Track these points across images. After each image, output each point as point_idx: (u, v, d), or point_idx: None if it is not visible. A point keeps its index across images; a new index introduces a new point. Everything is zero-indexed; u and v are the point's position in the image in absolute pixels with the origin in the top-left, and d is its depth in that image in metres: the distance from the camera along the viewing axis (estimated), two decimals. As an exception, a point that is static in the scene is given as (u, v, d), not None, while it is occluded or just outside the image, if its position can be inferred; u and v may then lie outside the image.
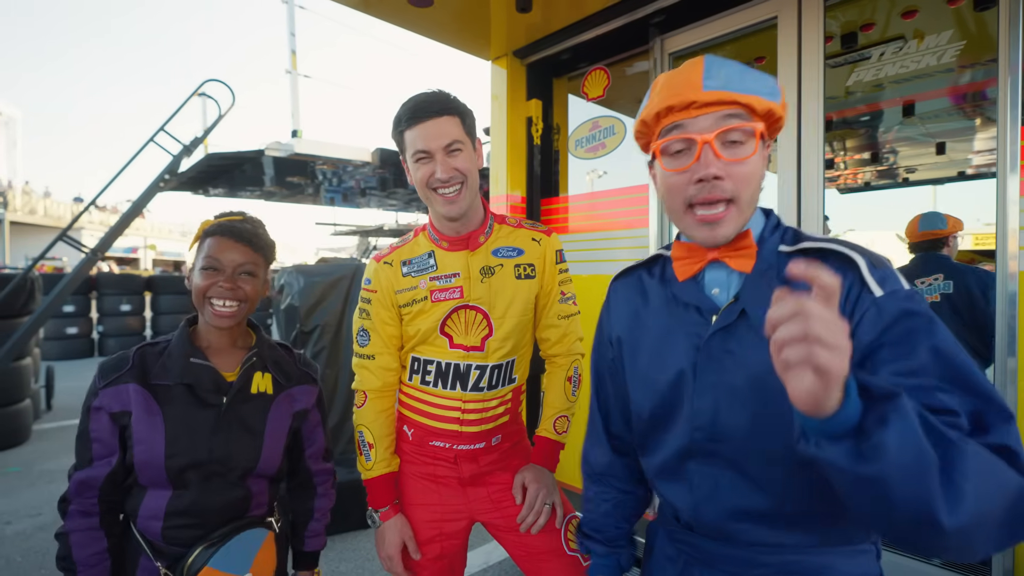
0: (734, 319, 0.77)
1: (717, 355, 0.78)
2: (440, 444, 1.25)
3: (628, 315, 0.93)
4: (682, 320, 0.83)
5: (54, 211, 25.49)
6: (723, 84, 0.73)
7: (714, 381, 0.78)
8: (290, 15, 5.48)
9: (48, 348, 8.21)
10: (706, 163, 0.73)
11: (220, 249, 1.08)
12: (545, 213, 2.63)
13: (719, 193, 0.73)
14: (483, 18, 2.26)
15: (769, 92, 0.74)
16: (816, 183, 1.78)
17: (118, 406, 1.06)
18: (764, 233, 0.80)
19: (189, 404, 1.08)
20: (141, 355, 1.10)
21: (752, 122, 0.74)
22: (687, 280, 0.83)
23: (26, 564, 2.63)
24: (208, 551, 1.06)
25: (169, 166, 4.69)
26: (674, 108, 0.75)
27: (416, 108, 1.13)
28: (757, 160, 0.74)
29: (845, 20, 2.30)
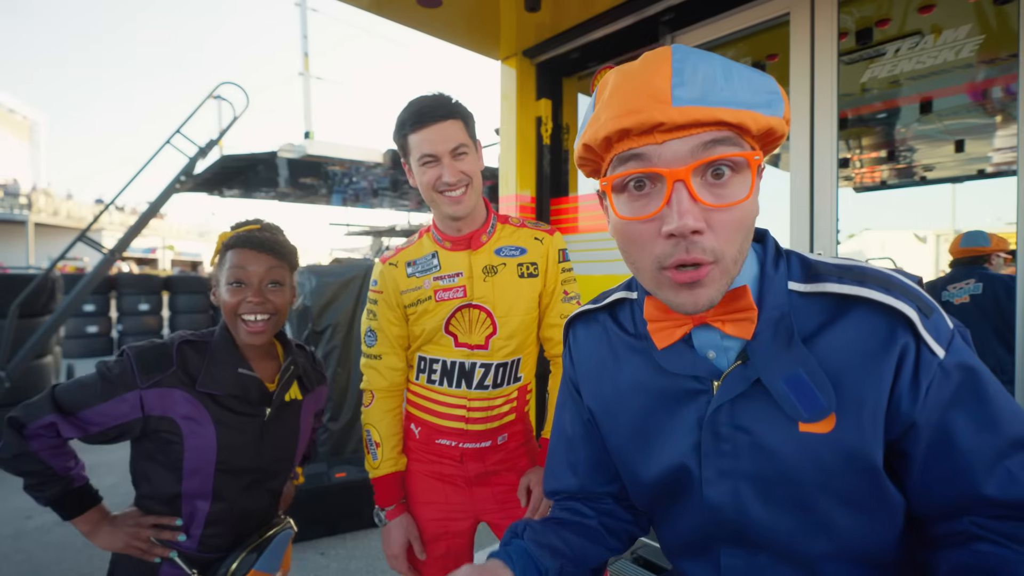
0: (746, 388, 0.59)
1: (726, 434, 0.61)
2: (446, 442, 1.26)
3: (595, 377, 0.73)
4: (671, 393, 0.65)
5: (76, 212, 26.06)
6: (701, 96, 0.51)
7: (728, 468, 0.61)
8: (303, 18, 5.54)
9: (69, 346, 8.41)
10: (680, 211, 0.52)
11: (244, 261, 1.06)
12: (555, 213, 2.62)
13: (698, 254, 0.53)
14: (492, 18, 2.26)
15: (767, 103, 0.53)
16: (829, 184, 1.75)
17: (160, 410, 1.02)
18: (767, 269, 0.61)
19: (236, 414, 1.08)
20: (182, 355, 1.06)
21: (745, 149, 0.53)
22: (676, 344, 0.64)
23: (46, 558, 2.69)
24: (252, 555, 1.09)
25: (185, 168, 4.77)
26: (631, 132, 0.53)
27: (421, 112, 1.14)
28: (749, 201, 0.53)
29: (860, 16, 2.26)
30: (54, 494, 1.02)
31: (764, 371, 0.58)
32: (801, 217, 1.80)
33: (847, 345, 0.56)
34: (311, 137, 5.12)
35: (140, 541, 1.04)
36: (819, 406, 0.55)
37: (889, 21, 2.29)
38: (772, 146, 0.57)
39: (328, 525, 2.93)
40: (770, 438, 0.59)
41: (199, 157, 4.79)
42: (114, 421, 1.01)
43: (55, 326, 4.15)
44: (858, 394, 0.55)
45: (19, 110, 32.87)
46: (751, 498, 0.61)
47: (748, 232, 0.56)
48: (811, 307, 0.58)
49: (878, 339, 0.55)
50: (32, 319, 4.33)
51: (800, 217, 1.80)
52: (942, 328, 0.55)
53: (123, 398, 1.00)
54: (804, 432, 0.57)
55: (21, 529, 2.98)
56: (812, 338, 0.58)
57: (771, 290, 0.60)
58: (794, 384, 0.56)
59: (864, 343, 0.55)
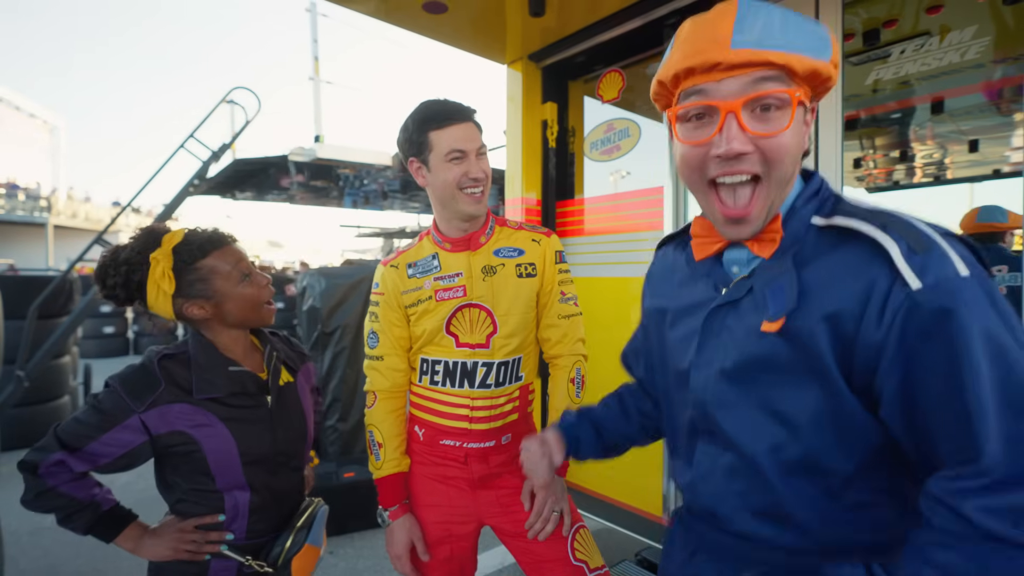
0: (741, 295, 0.70)
1: (717, 329, 0.72)
2: (450, 443, 1.27)
3: (660, 282, 0.89)
4: (699, 294, 0.77)
5: (94, 215, 26.54)
6: (757, 40, 0.60)
7: (709, 357, 0.72)
8: (313, 23, 5.61)
9: (86, 347, 8.57)
10: (728, 137, 0.62)
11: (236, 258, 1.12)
12: (560, 216, 2.63)
13: (744, 167, 0.63)
14: (498, 23, 2.28)
15: (815, 48, 0.61)
16: (835, 186, 1.74)
17: (165, 427, 1.04)
18: (797, 203, 0.69)
19: (242, 409, 1.11)
20: (166, 371, 1.06)
21: (790, 87, 0.61)
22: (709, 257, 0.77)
23: (62, 554, 2.76)
24: (303, 532, 1.16)
25: (199, 172, 4.85)
26: (695, 71, 0.64)
27: (448, 111, 1.18)
28: (793, 132, 0.63)
29: (867, 17, 2.24)
30: (87, 522, 1.05)
31: (759, 280, 0.68)
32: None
33: (830, 270, 0.62)
34: (321, 141, 5.19)
35: (187, 544, 1.07)
36: (778, 306, 0.64)
37: (896, 22, 2.27)
38: (822, 87, 0.65)
39: (337, 524, 2.96)
40: (739, 334, 0.69)
41: (212, 161, 4.87)
42: (121, 449, 1.03)
43: (73, 327, 4.24)
44: (820, 307, 0.61)
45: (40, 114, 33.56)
46: (720, 386, 0.70)
47: (793, 161, 0.65)
48: (823, 238, 0.66)
49: (856, 268, 0.60)
50: (50, 320, 4.43)
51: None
52: (931, 267, 0.55)
53: (124, 426, 1.02)
54: (763, 331, 0.65)
55: (39, 525, 3.05)
56: (809, 262, 0.65)
57: (793, 220, 0.68)
58: (773, 290, 0.65)
59: (843, 270, 0.61)
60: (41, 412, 4.46)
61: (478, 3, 2.10)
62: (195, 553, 1.08)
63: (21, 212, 21.75)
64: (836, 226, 0.64)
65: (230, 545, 1.11)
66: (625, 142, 2.35)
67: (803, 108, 0.64)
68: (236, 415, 1.10)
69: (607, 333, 2.18)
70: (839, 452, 0.63)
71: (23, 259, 19.25)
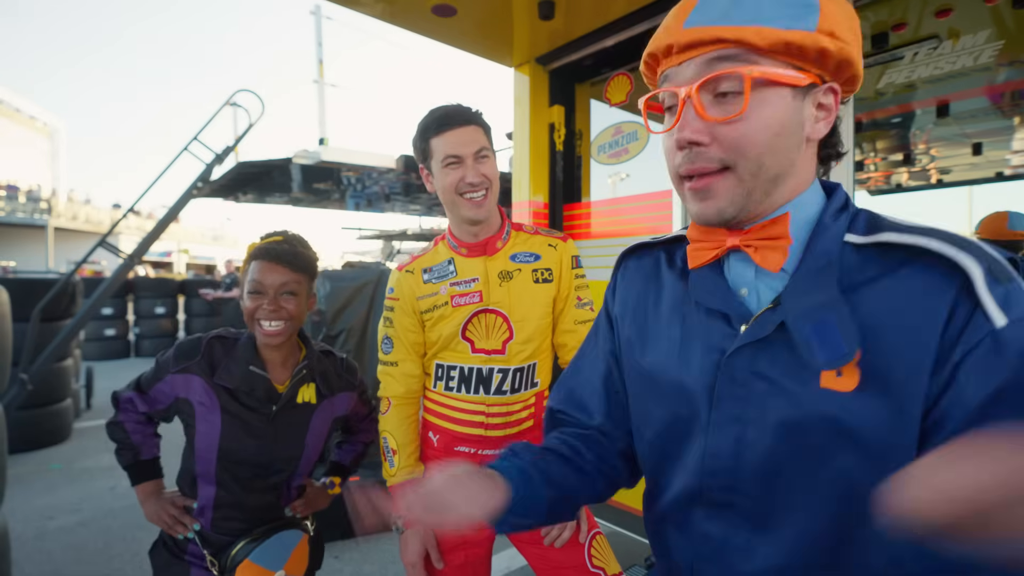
0: (769, 332, 0.55)
1: (742, 379, 0.57)
2: (465, 449, 1.27)
3: (636, 305, 0.73)
4: (700, 326, 0.62)
5: (94, 216, 26.54)
6: (717, 17, 0.53)
7: (738, 414, 0.58)
8: (317, 26, 5.61)
9: (88, 349, 8.55)
10: (684, 123, 0.55)
11: (263, 272, 1.15)
12: (567, 219, 2.63)
13: (703, 163, 0.56)
14: (506, 26, 2.28)
15: (789, 16, 0.52)
16: (846, 188, 1.74)
17: (183, 392, 1.19)
18: (824, 218, 0.57)
19: (243, 407, 1.18)
20: (210, 348, 1.20)
21: (744, 65, 0.53)
22: (711, 273, 0.63)
23: (66, 558, 2.74)
24: (249, 546, 1.18)
25: (202, 174, 4.85)
26: (658, 56, 0.59)
27: (446, 116, 1.18)
28: (758, 118, 0.53)
29: (875, 20, 2.24)
30: (126, 461, 1.26)
31: (791, 313, 0.54)
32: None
33: (894, 301, 0.50)
34: (326, 143, 5.19)
35: (167, 516, 1.22)
36: (839, 351, 0.50)
37: (905, 25, 2.27)
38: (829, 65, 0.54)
39: (342, 529, 2.95)
40: (788, 386, 0.54)
41: (216, 163, 4.87)
42: (165, 400, 1.21)
43: (76, 330, 4.24)
44: (895, 357, 0.49)
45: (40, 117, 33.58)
46: (749, 448, 0.57)
47: (769, 149, 0.55)
48: (866, 259, 0.54)
49: (931, 296, 0.49)
50: (53, 323, 4.42)
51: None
52: (1017, 301, 0.46)
53: (165, 380, 1.19)
54: (825, 388, 0.52)
55: (43, 529, 3.04)
56: (859, 289, 0.53)
57: (823, 237, 0.56)
58: (818, 328, 0.51)
59: (914, 300, 0.49)
60: (44, 415, 4.45)
61: (486, 6, 2.10)
62: (169, 528, 1.22)
63: (21, 214, 21.75)
64: (888, 243, 0.53)
65: (202, 534, 1.22)
66: (633, 145, 2.35)
67: (792, 90, 0.54)
68: (235, 410, 1.18)
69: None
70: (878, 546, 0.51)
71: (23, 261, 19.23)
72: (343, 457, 1.47)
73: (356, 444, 1.47)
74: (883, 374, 0.49)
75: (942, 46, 2.37)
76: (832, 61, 0.54)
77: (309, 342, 1.29)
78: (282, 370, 1.24)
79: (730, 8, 0.53)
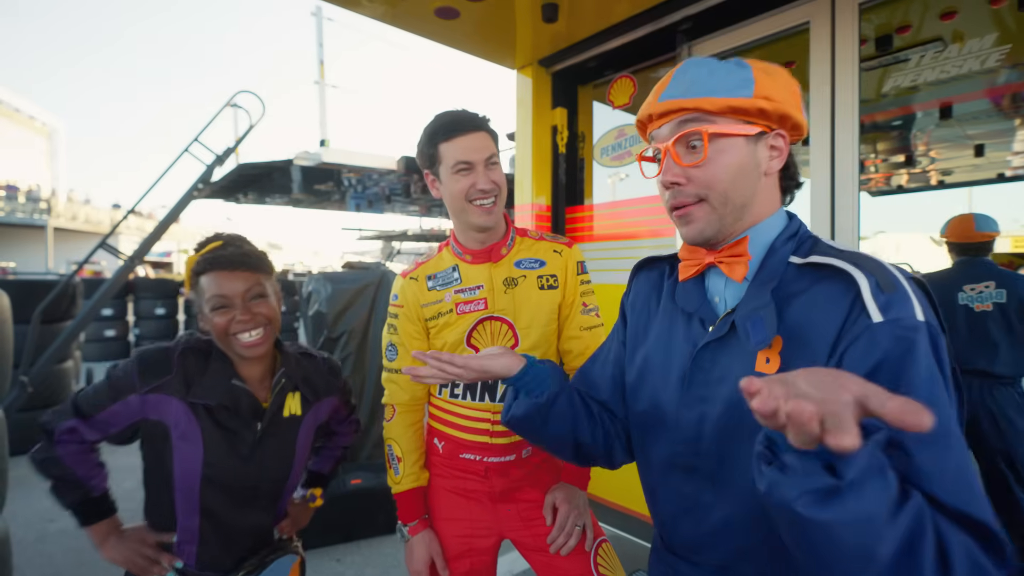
0: (725, 331, 0.74)
1: (707, 367, 0.75)
2: (471, 456, 1.26)
3: (642, 304, 0.91)
4: (683, 326, 0.81)
5: (94, 217, 26.52)
6: (681, 92, 0.73)
7: (702, 395, 0.75)
8: (318, 27, 5.59)
9: (88, 350, 8.54)
10: (667, 170, 0.75)
11: (222, 283, 1.04)
12: (570, 221, 2.62)
13: (683, 198, 0.74)
14: (508, 28, 2.27)
15: (732, 88, 0.71)
16: (851, 188, 1.74)
17: (156, 415, 1.05)
18: (776, 243, 0.75)
19: (227, 427, 1.07)
20: (183, 363, 1.06)
21: (704, 125, 0.71)
22: (691, 288, 0.81)
23: (67, 561, 2.73)
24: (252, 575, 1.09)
25: (202, 176, 4.84)
26: (644, 121, 0.80)
27: (456, 122, 1.16)
28: (717, 161, 0.72)
29: (879, 23, 2.24)
30: (73, 500, 1.09)
31: (739, 315, 0.72)
32: (822, 222, 1.78)
33: (813, 305, 0.68)
34: (327, 145, 5.17)
35: (140, 558, 1.07)
36: (762, 337, 0.67)
37: (909, 28, 2.27)
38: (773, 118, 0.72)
39: (343, 532, 2.94)
40: (732, 374, 0.72)
41: (216, 165, 4.86)
42: (125, 421, 1.06)
43: (76, 331, 4.23)
44: (809, 344, 0.66)
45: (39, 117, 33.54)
46: (710, 422, 0.74)
47: (731, 185, 0.72)
48: (802, 275, 0.71)
49: (833, 303, 0.66)
50: (53, 324, 4.41)
51: (821, 221, 1.78)
52: (896, 305, 0.61)
53: (126, 401, 1.04)
54: (758, 371, 0.68)
55: (44, 532, 3.03)
56: (791, 298, 0.70)
57: (772, 260, 0.74)
58: (751, 320, 0.69)
59: (824, 306, 0.67)
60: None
61: (490, 9, 2.09)
62: (144, 571, 1.07)
63: (21, 214, 21.73)
64: (813, 263, 0.70)
65: (182, 572, 1.08)
66: (636, 148, 2.34)
67: (747, 140, 0.72)
68: (218, 432, 1.06)
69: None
70: None
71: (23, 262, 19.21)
72: (322, 466, 1.38)
73: (335, 449, 1.39)
74: (795, 361, 0.65)
75: (948, 49, 2.37)
76: (772, 116, 0.72)
77: (283, 346, 1.19)
78: (262, 383, 1.14)
79: (690, 86, 0.73)
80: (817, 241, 0.75)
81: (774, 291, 0.71)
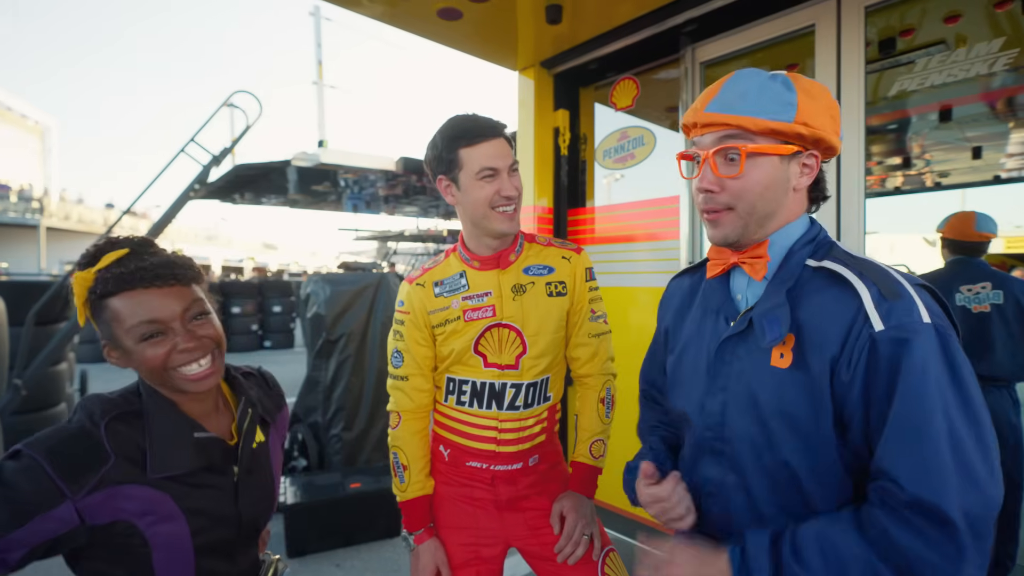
0: (744, 327, 0.80)
1: (728, 359, 0.82)
2: (477, 465, 1.24)
3: (675, 311, 0.99)
4: (710, 322, 0.88)
5: (87, 216, 26.33)
6: (723, 106, 0.78)
7: (723, 384, 0.82)
8: (317, 27, 5.56)
9: (83, 351, 8.45)
10: (703, 177, 0.81)
11: (148, 306, 0.81)
12: (572, 224, 2.61)
13: (713, 204, 0.81)
14: (510, 30, 2.25)
15: (775, 112, 0.76)
16: (857, 191, 1.73)
17: (108, 516, 0.79)
18: (795, 246, 0.82)
19: (204, 487, 0.88)
20: (116, 440, 0.81)
21: (743, 142, 0.77)
22: (717, 286, 0.89)
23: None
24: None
25: (199, 176, 4.80)
26: (688, 126, 0.85)
27: (479, 127, 1.14)
28: (752, 176, 0.78)
29: (884, 26, 2.23)
30: None
31: (756, 312, 0.79)
32: (828, 223, 1.77)
33: (822, 308, 0.74)
34: (325, 145, 5.14)
35: None
36: (776, 334, 0.74)
37: (913, 31, 2.26)
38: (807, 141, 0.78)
39: (342, 536, 2.92)
40: (750, 366, 0.79)
41: (213, 165, 4.82)
42: (41, 538, 0.76)
43: (71, 334, 4.18)
44: (817, 345, 0.73)
45: (31, 115, 33.27)
46: (731, 409, 0.81)
47: (756, 197, 0.79)
48: (814, 278, 0.78)
49: (841, 308, 0.72)
50: (47, 326, 4.36)
51: (826, 223, 1.77)
52: (897, 312, 0.68)
53: (48, 516, 0.75)
54: (773, 366, 0.76)
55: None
56: (804, 298, 0.77)
57: (790, 262, 0.80)
58: (767, 317, 0.76)
59: (832, 309, 0.73)
60: (38, 420, 4.38)
61: (492, 10, 2.07)
62: None
63: (13, 214, 21.55)
64: (826, 268, 0.76)
65: None
66: (640, 150, 2.33)
67: (781, 158, 0.78)
68: (195, 497, 0.86)
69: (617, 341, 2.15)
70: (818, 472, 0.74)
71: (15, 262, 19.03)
72: None
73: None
74: (806, 357, 0.73)
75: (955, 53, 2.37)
76: (808, 140, 0.77)
77: (230, 370, 0.99)
78: (219, 417, 0.94)
79: (735, 102, 0.77)
80: (833, 246, 0.81)
81: (789, 291, 0.77)
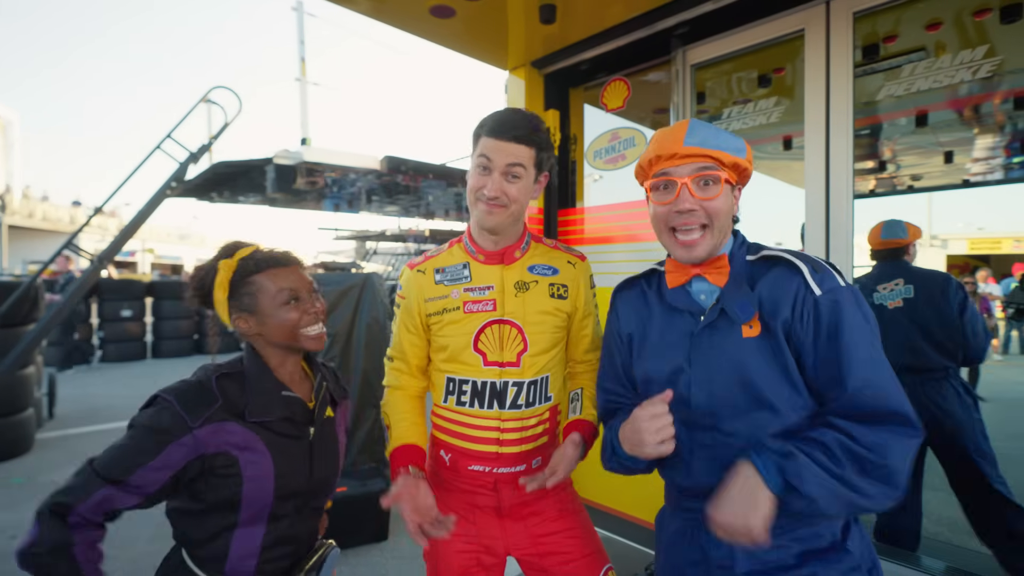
0: (716, 317, 0.98)
1: (706, 347, 0.98)
2: (479, 468, 1.22)
3: (636, 319, 1.11)
4: (677, 323, 1.03)
5: (52, 214, 25.40)
6: (699, 142, 0.96)
7: (705, 367, 0.98)
8: (299, 23, 5.46)
9: (50, 354, 8.14)
10: (683, 199, 0.96)
11: (288, 279, 1.08)
12: (562, 224, 2.61)
13: (693, 220, 0.97)
14: (501, 29, 2.24)
15: (735, 149, 0.98)
16: (845, 194, 1.77)
17: (214, 447, 0.99)
18: (734, 250, 1.02)
19: (286, 438, 1.08)
20: (223, 389, 1.03)
21: (719, 170, 0.97)
22: (678, 291, 1.04)
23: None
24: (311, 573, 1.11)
25: (176, 174, 4.66)
26: (662, 157, 0.99)
27: (501, 124, 1.15)
28: (723, 198, 0.97)
29: (870, 32, 2.28)
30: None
31: (727, 302, 0.97)
32: (817, 225, 1.80)
33: (773, 284, 0.95)
34: (308, 143, 5.05)
35: None
36: (748, 313, 0.94)
37: (896, 38, 2.32)
38: (742, 175, 1.02)
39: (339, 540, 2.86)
40: (728, 343, 0.96)
41: (190, 163, 4.69)
42: (170, 471, 0.96)
43: (40, 336, 4.02)
44: (776, 314, 0.93)
45: (-8, 110, 31.94)
46: (716, 386, 0.96)
47: (725, 217, 0.99)
48: (757, 266, 0.99)
49: (787, 282, 0.93)
50: (14, 329, 4.19)
51: (816, 225, 1.81)
52: (826, 280, 0.92)
53: (179, 443, 0.96)
54: (746, 338, 0.94)
55: (6, 549, 2.87)
56: (756, 282, 0.97)
57: (736, 261, 1.01)
58: (738, 304, 0.95)
59: (780, 285, 0.94)
60: (4, 426, 4.21)
61: (486, 8, 2.06)
62: None
63: (-28, 212, 20.65)
64: (765, 257, 0.99)
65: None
66: (631, 151, 2.34)
67: (730, 186, 1.00)
68: (280, 444, 1.07)
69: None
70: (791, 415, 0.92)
71: (-25, 261, 18.23)
72: None
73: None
74: (768, 324, 0.93)
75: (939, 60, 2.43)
76: (745, 175, 1.02)
77: (312, 355, 1.22)
78: (301, 385, 1.16)
79: (709, 139, 0.97)
80: (758, 244, 1.04)
81: (746, 280, 0.98)
